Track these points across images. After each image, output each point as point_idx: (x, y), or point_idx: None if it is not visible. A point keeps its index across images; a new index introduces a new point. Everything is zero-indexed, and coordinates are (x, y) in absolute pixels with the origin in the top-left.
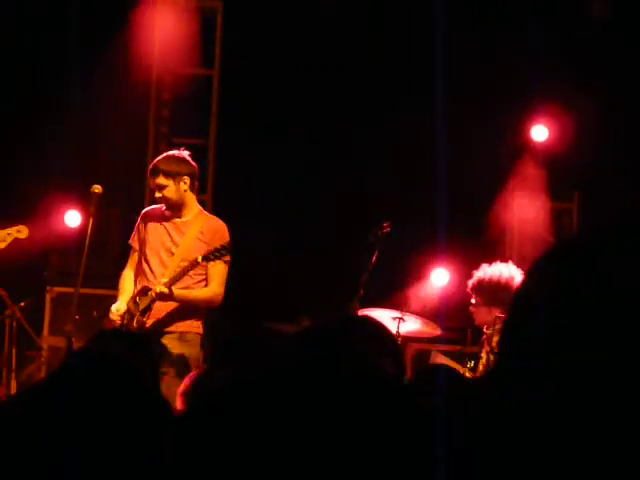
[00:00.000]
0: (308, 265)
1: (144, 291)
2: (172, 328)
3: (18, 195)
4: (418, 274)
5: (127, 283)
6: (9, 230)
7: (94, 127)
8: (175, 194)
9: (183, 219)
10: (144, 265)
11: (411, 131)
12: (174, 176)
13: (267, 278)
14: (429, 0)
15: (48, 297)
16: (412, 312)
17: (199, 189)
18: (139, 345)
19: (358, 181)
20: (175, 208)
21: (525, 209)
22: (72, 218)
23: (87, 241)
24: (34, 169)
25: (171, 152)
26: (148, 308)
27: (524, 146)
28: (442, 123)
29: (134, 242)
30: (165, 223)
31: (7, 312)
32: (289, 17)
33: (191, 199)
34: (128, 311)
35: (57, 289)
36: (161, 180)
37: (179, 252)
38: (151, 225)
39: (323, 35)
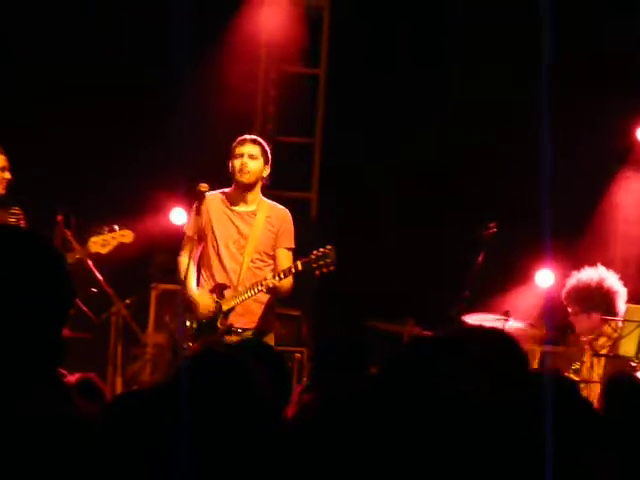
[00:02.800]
0: (412, 262)
1: (220, 289)
2: (252, 324)
3: (124, 192)
4: (523, 275)
5: (190, 268)
6: (114, 234)
7: (200, 124)
8: (259, 172)
9: (248, 208)
10: (213, 258)
11: (516, 130)
12: (266, 158)
13: (370, 274)
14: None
15: (153, 294)
16: (517, 313)
17: (304, 187)
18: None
19: (462, 181)
20: (246, 188)
21: (629, 210)
22: (177, 215)
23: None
24: (140, 166)
25: None
26: (232, 309)
27: (630, 146)
28: (546, 122)
29: (189, 229)
30: (229, 212)
31: (113, 309)
32: (395, 15)
33: (259, 188)
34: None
35: (162, 286)
36: (256, 151)
37: (250, 244)
38: (215, 214)
39: (429, 33)
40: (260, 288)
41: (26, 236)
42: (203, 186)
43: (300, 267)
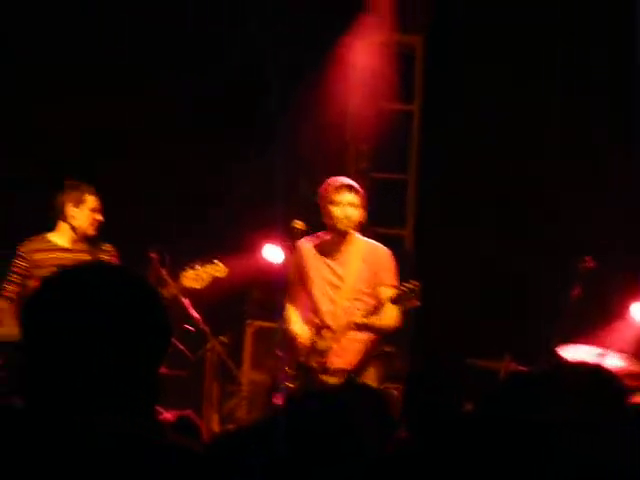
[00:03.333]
0: (509, 297)
1: (318, 331)
2: (349, 365)
3: (219, 229)
4: (620, 309)
5: (293, 312)
6: (207, 268)
7: (294, 162)
8: (358, 220)
9: (343, 249)
10: (309, 301)
11: (616, 163)
12: (364, 204)
13: (466, 310)
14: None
15: (248, 331)
16: (615, 348)
17: (399, 223)
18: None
19: (556, 213)
20: (344, 234)
21: None
22: (272, 253)
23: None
24: (235, 203)
25: None
26: (328, 349)
27: None
28: None
29: (291, 275)
30: (324, 257)
31: (208, 346)
32: (489, 51)
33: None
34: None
35: (257, 323)
36: (356, 200)
37: (345, 285)
38: (309, 258)
39: (525, 70)
40: (352, 327)
41: (122, 273)
42: (298, 223)
43: (388, 301)
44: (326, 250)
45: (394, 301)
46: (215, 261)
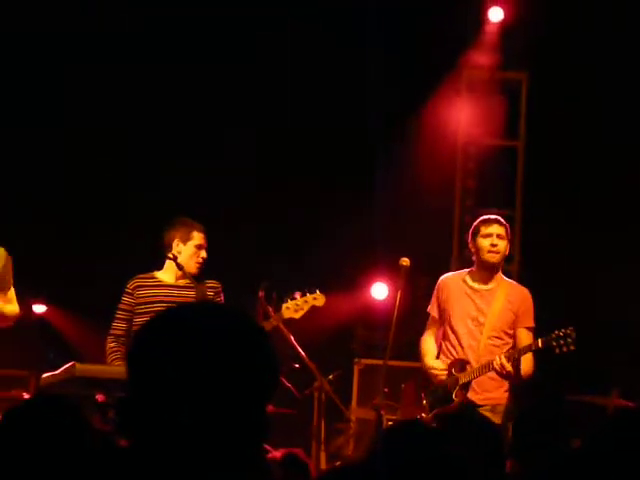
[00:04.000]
0: (616, 335)
1: (460, 364)
2: (485, 401)
3: (326, 267)
4: None
5: (429, 345)
6: (306, 298)
7: (400, 199)
8: (505, 252)
9: (488, 286)
10: (450, 336)
11: None
12: (509, 238)
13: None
14: None
15: (356, 369)
16: None
17: (506, 259)
18: None
19: None
20: (491, 268)
21: None
22: (379, 290)
23: (395, 313)
24: (342, 241)
25: None
26: (469, 383)
27: None
28: None
29: (433, 310)
30: (468, 291)
31: (316, 384)
32: (592, 88)
33: (500, 267)
34: (448, 380)
35: (364, 361)
36: (503, 232)
37: (488, 322)
38: (453, 294)
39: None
40: (491, 368)
41: (227, 311)
42: (404, 260)
43: (541, 345)
44: (472, 286)
45: (545, 344)
46: (313, 290)
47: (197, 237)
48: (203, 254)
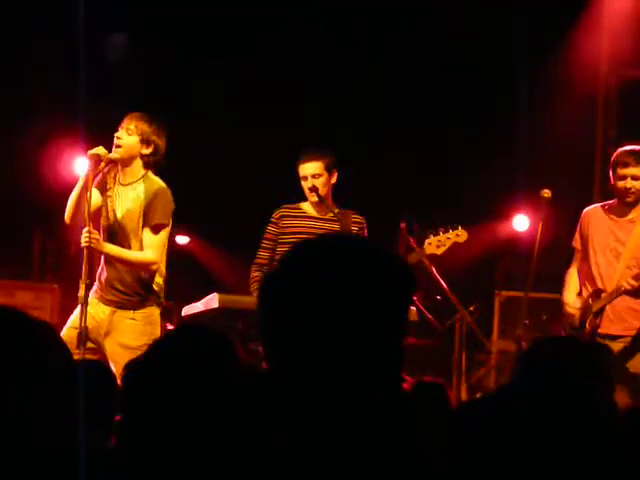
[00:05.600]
0: None
1: (597, 294)
2: (623, 331)
3: (469, 199)
4: None
5: (572, 279)
6: (449, 234)
7: (542, 130)
8: None
9: (628, 217)
10: (591, 267)
11: None
12: None
13: None
14: None
15: (497, 301)
16: None
17: None
18: None
19: None
20: (629, 205)
21: None
22: (520, 222)
23: (537, 246)
24: (484, 174)
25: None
26: (602, 310)
27: None
28: None
29: (577, 243)
30: (609, 222)
31: (457, 316)
32: None
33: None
34: (582, 310)
35: (505, 293)
36: (638, 172)
37: (627, 250)
38: (594, 225)
39: None
40: (621, 291)
41: (366, 245)
42: (546, 192)
43: None
44: (612, 217)
45: None
46: (456, 226)
47: (300, 169)
48: (308, 184)
